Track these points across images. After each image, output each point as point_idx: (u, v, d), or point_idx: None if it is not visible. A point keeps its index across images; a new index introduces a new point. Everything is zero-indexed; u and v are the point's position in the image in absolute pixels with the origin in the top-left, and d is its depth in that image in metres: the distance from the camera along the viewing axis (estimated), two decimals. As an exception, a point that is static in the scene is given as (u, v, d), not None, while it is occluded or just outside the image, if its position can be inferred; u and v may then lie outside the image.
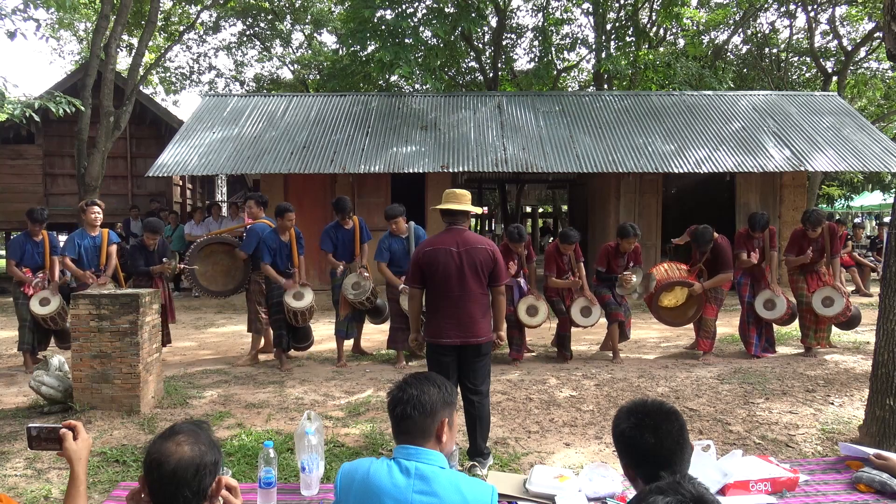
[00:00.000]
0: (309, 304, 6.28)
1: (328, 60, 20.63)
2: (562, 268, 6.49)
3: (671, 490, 1.30)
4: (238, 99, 13.69)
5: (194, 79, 23.23)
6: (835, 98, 13.66)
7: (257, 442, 4.17)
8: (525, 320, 6.33)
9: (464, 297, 3.75)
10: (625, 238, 6.35)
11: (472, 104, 12.95)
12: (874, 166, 10.99)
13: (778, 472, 2.30)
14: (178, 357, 7.01)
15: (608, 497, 2.23)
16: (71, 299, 5.00)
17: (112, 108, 11.93)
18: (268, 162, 10.87)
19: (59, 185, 14.13)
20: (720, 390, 5.38)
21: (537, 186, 21.03)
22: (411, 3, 14.93)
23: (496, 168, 10.91)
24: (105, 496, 3.18)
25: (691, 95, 13.53)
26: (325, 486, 2.41)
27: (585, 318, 6.40)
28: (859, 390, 5.21)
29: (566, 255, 6.50)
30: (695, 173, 11.04)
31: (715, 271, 6.34)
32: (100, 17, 12.02)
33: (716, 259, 6.34)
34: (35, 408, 5.03)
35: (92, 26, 17.62)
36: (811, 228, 6.35)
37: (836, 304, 6.25)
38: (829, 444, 4.16)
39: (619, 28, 17.36)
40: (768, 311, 6.40)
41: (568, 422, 4.69)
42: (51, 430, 1.83)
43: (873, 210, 23.20)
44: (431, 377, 1.95)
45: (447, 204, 3.89)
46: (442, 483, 1.75)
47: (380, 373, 6.18)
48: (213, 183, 18.07)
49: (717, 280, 6.31)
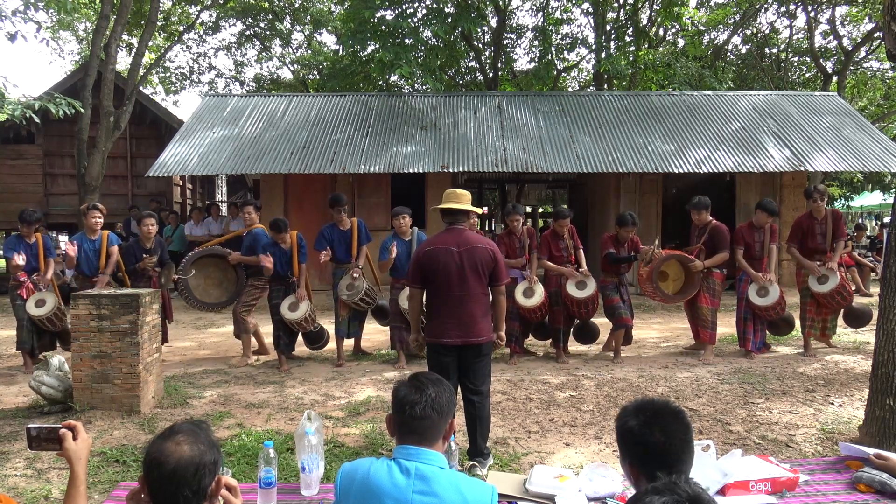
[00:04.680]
0: (304, 314, 6.28)
1: (328, 60, 20.64)
2: (557, 253, 6.47)
3: (667, 490, 1.30)
4: (238, 99, 13.69)
5: (194, 79, 23.26)
6: (835, 98, 13.66)
7: (257, 442, 4.17)
8: (521, 301, 6.28)
9: (464, 297, 3.75)
10: (623, 227, 6.36)
11: (472, 104, 12.95)
12: (874, 166, 10.99)
13: (778, 472, 2.30)
14: (178, 357, 7.01)
15: (608, 497, 2.23)
16: (71, 299, 5.00)
17: (112, 108, 11.93)
18: (268, 162, 10.87)
19: (59, 185, 14.14)
20: (720, 390, 5.38)
21: (537, 186, 21.03)
22: (411, 4, 14.93)
23: (496, 168, 10.91)
24: (105, 496, 3.18)
25: (691, 95, 13.53)
26: (325, 486, 2.41)
27: (580, 290, 6.36)
28: (859, 390, 5.21)
29: (562, 240, 6.49)
30: (695, 173, 11.04)
31: (713, 254, 6.38)
32: (100, 17, 12.03)
33: (713, 240, 6.38)
34: (35, 408, 5.03)
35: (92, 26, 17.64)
36: (820, 198, 6.37)
37: (830, 280, 6.29)
38: (829, 444, 4.15)
39: (619, 28, 17.35)
40: (761, 297, 6.40)
41: (568, 422, 4.69)
42: (50, 430, 1.83)
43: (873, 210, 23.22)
44: (439, 378, 1.95)
45: (447, 203, 3.89)
46: (442, 483, 1.75)
47: (380, 373, 6.18)
48: (213, 183, 18.08)
49: (716, 258, 6.33)
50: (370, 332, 7.35)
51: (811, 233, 6.44)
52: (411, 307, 4.14)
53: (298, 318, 6.27)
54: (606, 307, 6.54)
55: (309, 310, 6.35)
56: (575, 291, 6.34)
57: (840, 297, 6.35)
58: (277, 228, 6.30)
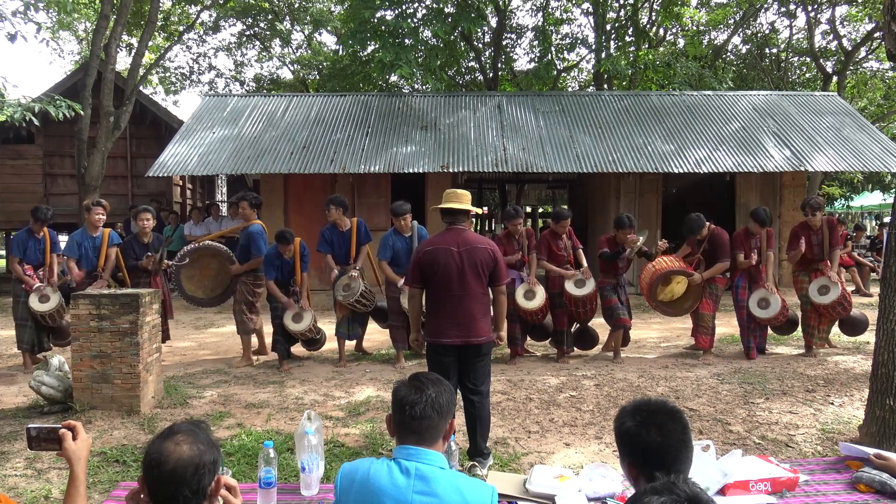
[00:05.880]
0: (307, 326, 6.29)
1: (328, 60, 20.65)
2: (556, 253, 6.46)
3: (666, 490, 1.30)
4: (238, 99, 13.69)
5: (194, 79, 23.26)
6: (835, 98, 13.66)
7: (257, 442, 4.17)
8: (522, 303, 6.27)
9: (464, 297, 3.75)
10: (621, 229, 6.35)
11: (472, 104, 12.96)
12: (874, 166, 10.99)
13: (778, 472, 2.30)
14: (178, 357, 7.01)
15: (608, 497, 2.23)
16: (71, 299, 5.00)
17: (112, 108, 11.93)
18: (268, 162, 10.87)
19: (59, 185, 14.13)
20: (720, 390, 5.38)
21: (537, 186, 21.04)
22: (411, 4, 14.93)
23: (496, 168, 10.91)
24: (105, 496, 3.18)
25: (691, 95, 13.53)
26: (325, 486, 2.41)
27: (579, 288, 6.36)
28: (859, 390, 5.21)
29: (561, 240, 6.48)
30: (695, 173, 11.04)
31: (713, 262, 6.35)
32: (100, 17, 12.02)
33: (713, 248, 6.35)
34: (35, 408, 5.03)
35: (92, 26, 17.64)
36: (811, 213, 6.36)
37: (831, 292, 6.27)
38: (829, 444, 4.15)
39: (619, 28, 17.36)
40: (762, 309, 6.38)
41: (568, 422, 4.69)
42: (50, 430, 1.83)
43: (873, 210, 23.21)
44: (439, 378, 1.94)
45: (448, 203, 3.89)
46: (442, 483, 1.75)
47: (380, 373, 6.18)
48: (213, 183, 18.07)
49: (715, 269, 6.31)
50: (370, 331, 7.34)
51: (808, 243, 6.44)
52: (411, 307, 4.14)
53: (302, 330, 6.28)
54: (604, 308, 6.53)
55: (312, 320, 6.35)
56: (573, 289, 6.33)
57: (841, 308, 6.35)
58: (285, 241, 6.27)
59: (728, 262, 6.34)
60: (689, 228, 6.45)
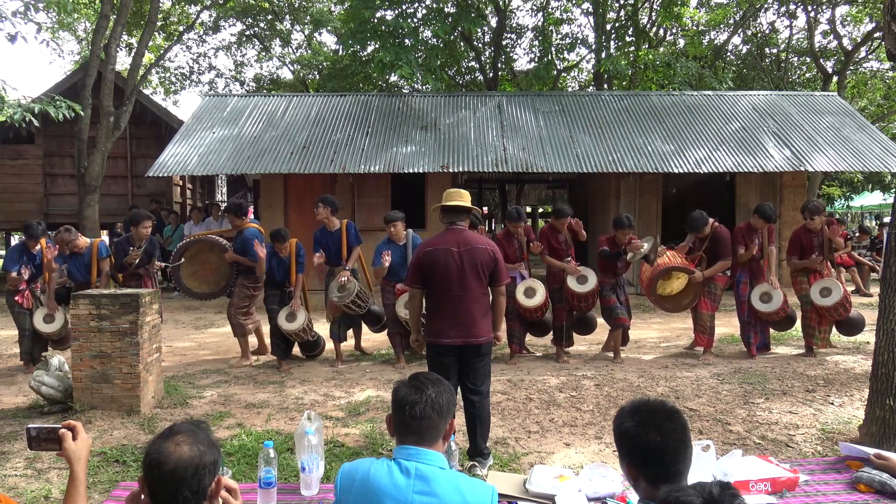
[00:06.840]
0: (301, 325, 6.27)
1: (328, 60, 20.63)
2: (557, 247, 6.45)
3: None
4: (238, 99, 13.69)
5: (194, 79, 23.26)
6: (835, 98, 13.65)
7: (257, 442, 4.17)
8: (522, 301, 6.27)
9: (464, 297, 3.75)
10: (620, 229, 6.34)
11: (472, 104, 12.95)
12: (874, 166, 10.99)
13: (778, 472, 2.30)
14: (178, 357, 7.01)
15: (608, 497, 2.23)
16: (71, 299, 5.00)
17: (112, 108, 11.93)
18: (268, 162, 10.87)
19: (59, 185, 14.14)
20: (720, 390, 5.38)
21: (537, 186, 21.05)
22: (411, 4, 14.93)
23: (496, 168, 10.91)
24: (105, 496, 3.18)
25: (691, 95, 13.53)
26: (325, 486, 2.41)
27: (581, 285, 6.36)
28: (859, 390, 5.21)
29: (562, 235, 6.48)
30: (695, 173, 11.04)
31: (715, 260, 6.35)
32: (100, 17, 12.03)
33: (715, 246, 6.35)
34: (35, 408, 5.03)
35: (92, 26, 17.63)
36: (810, 217, 6.36)
37: (833, 294, 6.27)
38: (829, 444, 4.15)
39: (619, 28, 17.36)
40: (764, 303, 6.38)
41: (568, 422, 4.69)
42: (50, 430, 1.83)
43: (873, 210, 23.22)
44: (439, 378, 1.94)
45: (448, 201, 3.89)
46: (442, 483, 1.75)
47: (380, 373, 6.18)
48: (213, 183, 18.09)
49: (717, 267, 6.31)
50: (370, 332, 7.33)
51: (808, 245, 6.45)
52: (411, 307, 4.14)
53: (296, 329, 6.27)
54: (604, 308, 6.54)
55: (306, 320, 6.34)
56: (576, 286, 6.35)
57: (842, 309, 6.35)
58: (280, 239, 6.29)
59: (730, 261, 6.34)
60: (692, 226, 6.45)
